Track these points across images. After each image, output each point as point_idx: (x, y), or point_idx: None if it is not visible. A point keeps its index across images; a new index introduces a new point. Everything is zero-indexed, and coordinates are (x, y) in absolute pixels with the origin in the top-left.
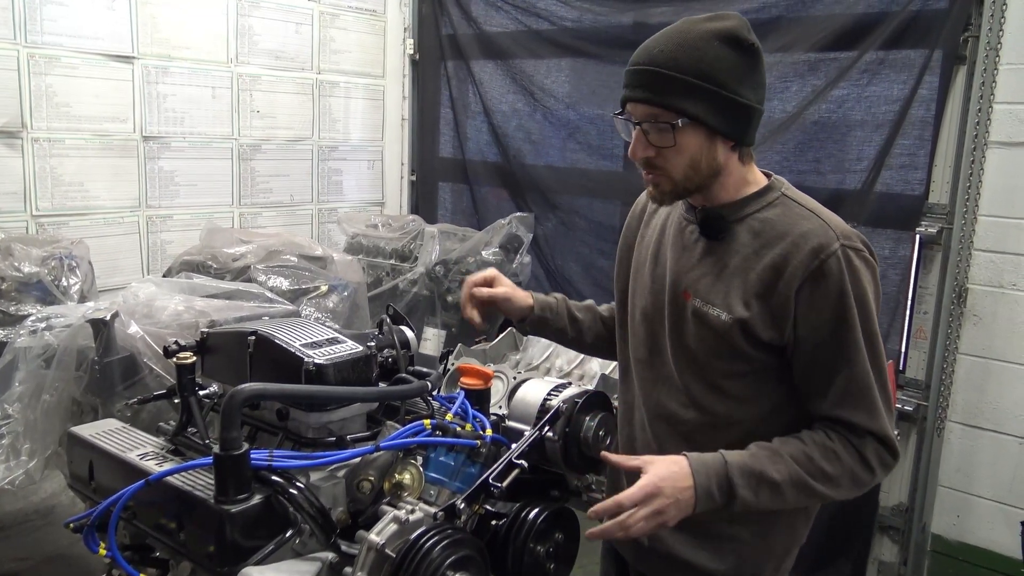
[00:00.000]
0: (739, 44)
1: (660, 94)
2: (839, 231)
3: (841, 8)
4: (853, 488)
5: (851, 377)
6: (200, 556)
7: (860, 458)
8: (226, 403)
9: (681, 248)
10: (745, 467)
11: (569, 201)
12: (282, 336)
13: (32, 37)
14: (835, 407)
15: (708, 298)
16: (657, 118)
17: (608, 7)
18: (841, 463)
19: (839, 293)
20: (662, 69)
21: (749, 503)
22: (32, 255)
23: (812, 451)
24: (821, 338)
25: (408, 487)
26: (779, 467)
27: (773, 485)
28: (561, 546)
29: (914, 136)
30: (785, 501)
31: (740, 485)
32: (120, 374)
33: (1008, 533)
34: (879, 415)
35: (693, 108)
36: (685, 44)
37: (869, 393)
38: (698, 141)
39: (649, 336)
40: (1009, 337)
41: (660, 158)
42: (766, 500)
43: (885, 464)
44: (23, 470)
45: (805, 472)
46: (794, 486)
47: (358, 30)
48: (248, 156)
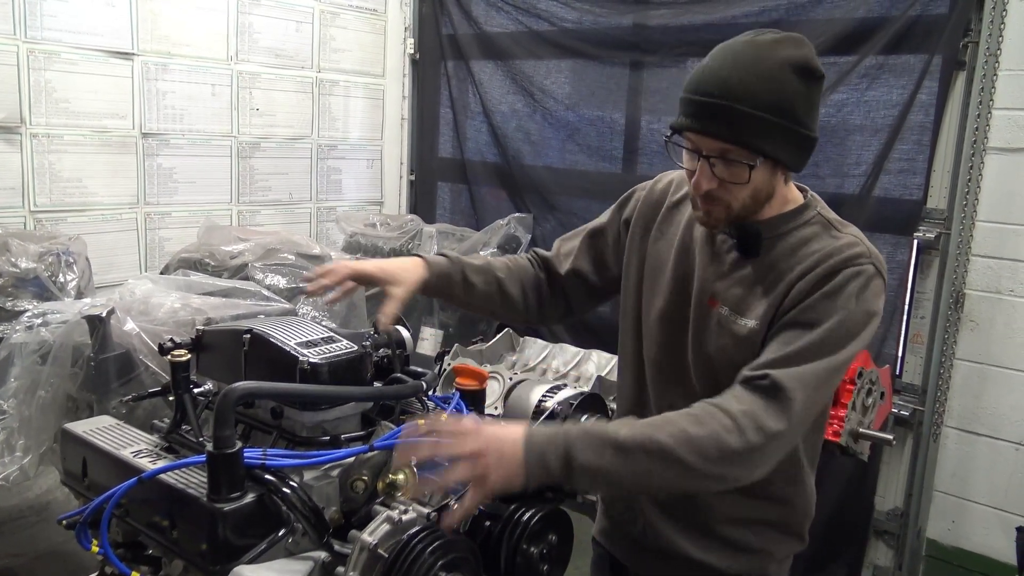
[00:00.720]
0: (812, 75)
1: (739, 132)
2: (872, 252)
3: (841, 12)
4: (718, 461)
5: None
6: (192, 554)
7: (729, 423)
8: (220, 401)
9: (710, 255)
10: (584, 429)
11: (568, 202)
12: (277, 335)
13: (32, 32)
14: (761, 363)
15: (737, 308)
16: (730, 154)
17: (608, 9)
18: (703, 425)
19: (843, 290)
20: (741, 106)
21: (591, 465)
22: (29, 251)
23: (673, 415)
24: (802, 318)
25: (402, 487)
26: (623, 429)
27: (619, 446)
28: (555, 547)
29: (913, 141)
30: (634, 467)
31: (576, 446)
32: (115, 371)
33: (1003, 538)
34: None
35: (772, 148)
36: (761, 75)
37: (804, 363)
38: (765, 175)
39: (667, 339)
40: (1006, 343)
41: (723, 189)
42: (611, 463)
43: (763, 431)
44: (18, 466)
45: (657, 432)
46: (645, 450)
47: (358, 29)
48: (247, 154)
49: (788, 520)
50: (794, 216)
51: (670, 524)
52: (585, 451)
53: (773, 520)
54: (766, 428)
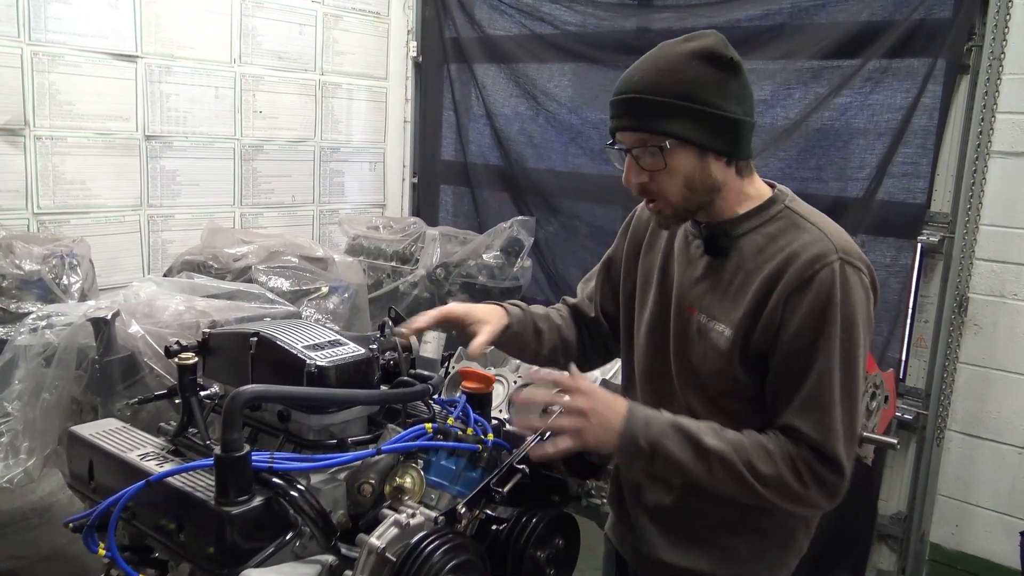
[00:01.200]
0: (718, 60)
1: (644, 119)
2: (840, 245)
3: (845, 16)
4: (782, 497)
5: (813, 387)
6: (200, 558)
7: (793, 468)
8: (228, 404)
9: (686, 262)
10: (679, 424)
11: (571, 205)
12: (284, 338)
13: (36, 35)
14: (788, 415)
15: (712, 313)
16: (646, 143)
17: (611, 12)
18: (773, 464)
19: (826, 302)
20: (644, 95)
21: (673, 457)
22: (33, 253)
23: (747, 442)
24: (798, 346)
25: (409, 491)
26: (710, 437)
27: (701, 450)
28: (561, 552)
29: (916, 145)
30: (712, 475)
31: (667, 435)
32: (120, 373)
33: (1007, 543)
34: (831, 433)
35: (679, 128)
36: (663, 68)
37: (826, 407)
38: (689, 161)
39: (654, 350)
40: (1009, 347)
41: (654, 183)
42: (692, 464)
43: (823, 484)
44: (21, 468)
45: (736, 455)
46: (721, 461)
47: (361, 32)
48: (250, 156)
49: (782, 528)
50: (759, 212)
51: (661, 532)
52: (671, 443)
53: (766, 529)
54: (823, 479)
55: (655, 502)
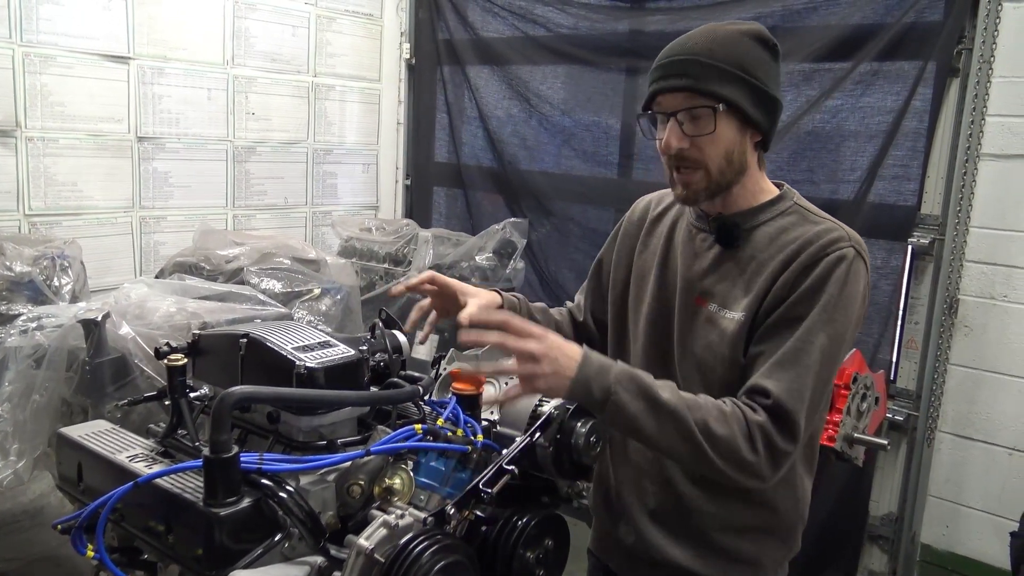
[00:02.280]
0: (766, 42)
1: (700, 80)
2: (851, 235)
3: (836, 19)
4: (731, 463)
5: (792, 349)
6: (188, 559)
7: (747, 432)
8: (216, 406)
9: (692, 255)
10: (632, 374)
11: (563, 207)
12: (274, 339)
13: (27, 36)
14: (760, 376)
15: (724, 303)
16: (695, 105)
17: (604, 15)
18: (727, 425)
19: (827, 277)
20: (700, 57)
21: (626, 408)
22: (24, 254)
23: (703, 402)
24: (789, 314)
25: (398, 492)
26: (665, 391)
27: (654, 403)
28: (551, 553)
29: (907, 147)
30: (660, 428)
31: (621, 384)
32: (111, 375)
33: (997, 544)
34: (799, 396)
35: (733, 94)
36: (718, 39)
37: (800, 370)
38: (733, 131)
39: (653, 344)
40: (1000, 348)
41: (695, 149)
42: (643, 416)
43: (773, 452)
44: (12, 471)
45: (689, 412)
46: (672, 417)
47: (354, 34)
48: (243, 158)
49: (780, 525)
50: (770, 206)
51: (661, 533)
52: (625, 393)
53: (766, 526)
54: (775, 446)
55: (657, 504)
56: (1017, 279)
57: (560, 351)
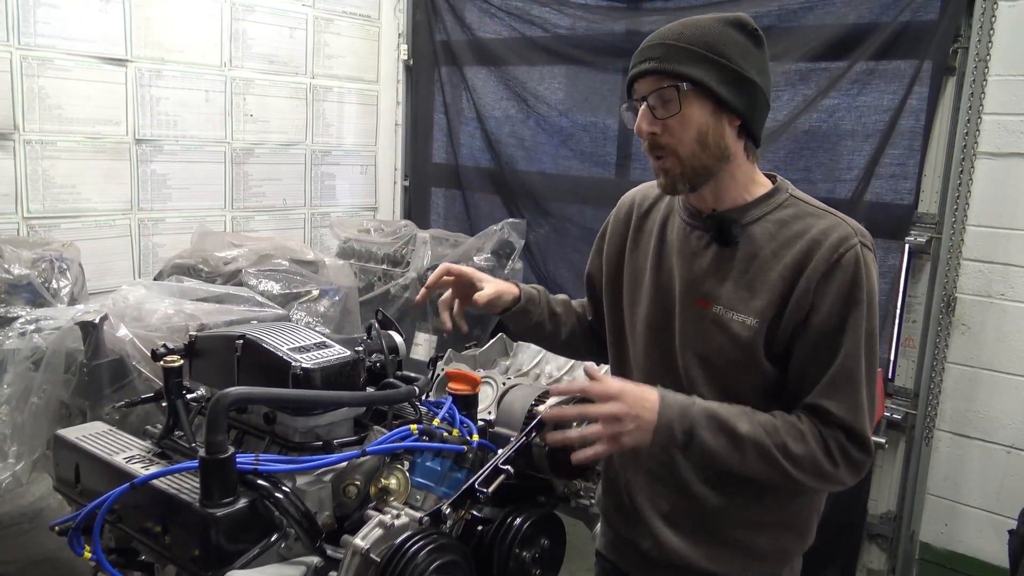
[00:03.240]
0: (743, 27)
1: (664, 60)
2: (856, 228)
3: (832, 18)
4: (814, 476)
5: (841, 368)
6: (185, 560)
7: (824, 446)
8: (212, 406)
9: (690, 255)
10: (711, 411)
11: (561, 208)
12: (270, 340)
13: (25, 39)
14: (817, 395)
15: (730, 304)
16: (662, 86)
17: (601, 15)
18: (805, 444)
19: (852, 285)
20: (667, 40)
21: (708, 446)
22: (22, 257)
23: (780, 424)
24: (826, 328)
25: (394, 492)
26: (743, 423)
27: (735, 437)
28: (547, 552)
29: (904, 146)
30: (744, 460)
31: (702, 425)
32: (108, 377)
33: (996, 541)
34: (858, 411)
35: (697, 73)
36: (690, 24)
37: (854, 387)
38: (704, 113)
39: (654, 347)
40: (997, 346)
41: (666, 134)
42: (725, 451)
43: (851, 461)
44: (10, 473)
45: (769, 438)
46: (755, 446)
47: (352, 35)
48: (241, 160)
49: (797, 519)
50: (766, 200)
51: (677, 536)
52: (706, 432)
53: (783, 520)
54: (851, 456)
55: (671, 507)
56: (1014, 277)
57: (640, 405)
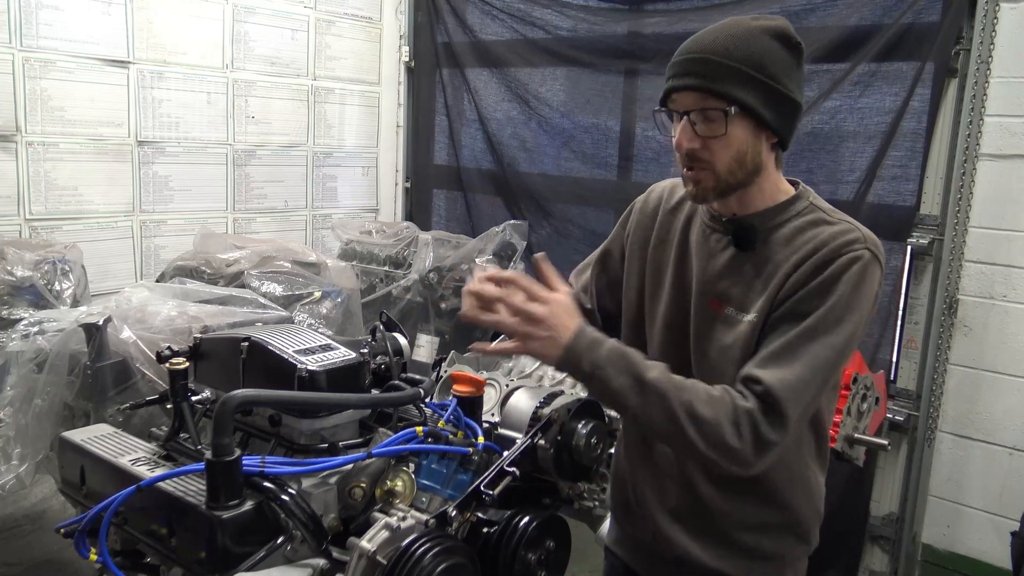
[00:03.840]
0: (788, 41)
1: (713, 81)
2: (869, 237)
3: (834, 20)
4: (710, 445)
5: (787, 343)
6: (191, 562)
7: (734, 420)
8: (218, 409)
9: (707, 257)
10: (622, 352)
11: (563, 209)
12: (275, 342)
13: (27, 41)
14: (755, 364)
15: (742, 306)
16: (708, 106)
17: (603, 17)
18: (713, 409)
19: (838, 278)
20: (715, 57)
21: (610, 383)
22: (25, 259)
23: (692, 385)
24: (794, 308)
25: (400, 494)
26: (653, 371)
27: (638, 379)
28: (552, 554)
29: (906, 148)
30: (644, 405)
31: (609, 361)
32: (112, 379)
33: (998, 543)
34: (790, 389)
35: (746, 97)
36: (736, 36)
37: (794, 365)
38: (746, 133)
39: (670, 346)
40: (999, 348)
41: (706, 150)
42: (625, 389)
43: (759, 439)
44: (14, 475)
45: (676, 392)
46: (657, 395)
47: (354, 37)
48: (243, 162)
49: (800, 522)
50: (786, 207)
51: (684, 533)
52: (611, 368)
53: (784, 523)
54: (761, 435)
55: (678, 504)
56: (1016, 279)
57: (560, 320)
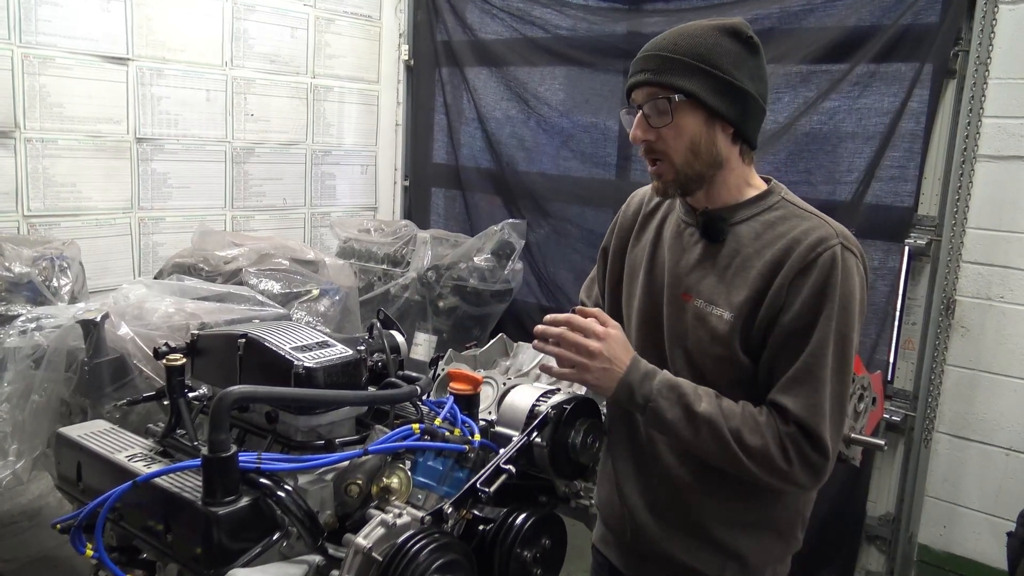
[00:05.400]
0: (737, 35)
1: (658, 73)
2: (839, 231)
3: (833, 21)
4: (766, 471)
5: (803, 365)
6: (187, 558)
7: (780, 444)
8: (215, 405)
9: (680, 250)
10: (674, 383)
11: (561, 208)
12: (272, 339)
13: (26, 37)
14: (777, 391)
15: (711, 299)
16: (656, 97)
17: (602, 16)
18: (761, 437)
19: (825, 283)
20: (662, 52)
21: (664, 415)
22: (23, 255)
23: (739, 411)
24: (796, 325)
25: (396, 491)
26: (703, 402)
27: (691, 413)
28: (548, 552)
29: (904, 149)
30: (697, 437)
31: (662, 395)
32: (110, 375)
33: (994, 544)
34: (816, 411)
35: (689, 85)
36: (685, 33)
37: (815, 386)
38: (697, 123)
39: (646, 340)
40: (996, 349)
41: (660, 141)
42: (679, 424)
43: (807, 463)
44: (11, 471)
45: (725, 421)
46: (710, 428)
47: (353, 35)
48: (241, 159)
49: (779, 522)
50: (757, 202)
51: (660, 527)
52: (664, 401)
53: (764, 521)
54: (807, 457)
55: (656, 498)
56: (1014, 280)
57: (614, 353)
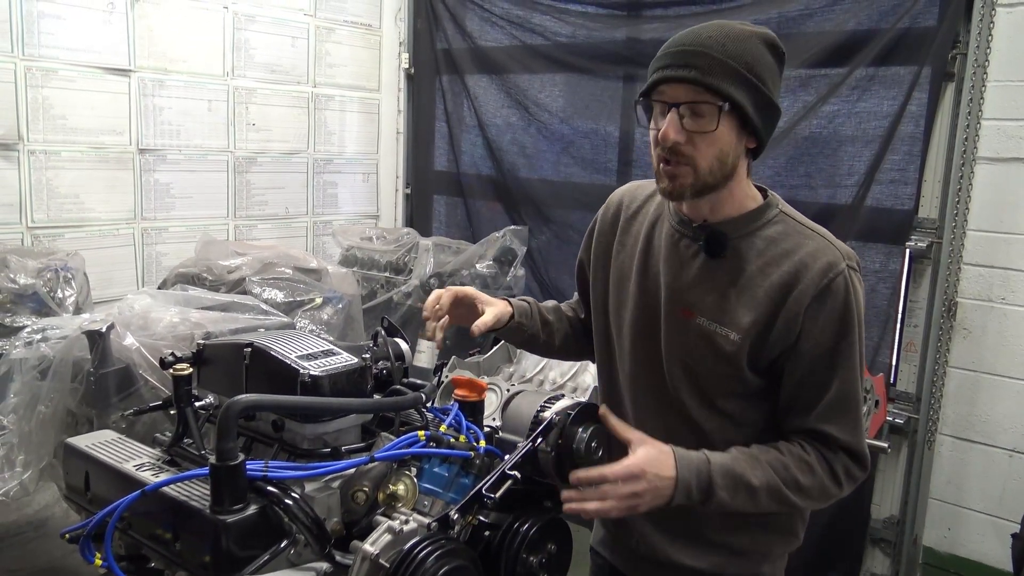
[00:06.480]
0: (776, 49)
1: (707, 74)
2: (844, 251)
3: (832, 25)
4: (821, 500)
5: (839, 392)
6: (195, 566)
7: (831, 472)
8: (222, 414)
9: (678, 264)
10: (726, 468)
11: (563, 214)
12: (278, 348)
13: (29, 50)
14: (818, 420)
15: (716, 317)
16: (701, 99)
17: (602, 23)
18: (814, 475)
19: (843, 311)
20: (712, 52)
21: (725, 504)
22: (28, 267)
23: (788, 461)
24: (819, 352)
25: (402, 498)
26: (757, 473)
27: (750, 489)
28: (553, 557)
29: (904, 152)
30: (758, 506)
31: (720, 486)
32: (115, 385)
33: (999, 545)
34: (857, 431)
35: (739, 95)
36: (731, 35)
37: (853, 409)
38: (732, 133)
39: (640, 351)
40: (999, 350)
41: (690, 145)
42: (742, 503)
43: (852, 478)
44: (17, 481)
45: (781, 480)
46: (769, 492)
47: (353, 44)
48: (243, 169)
49: (777, 520)
50: (757, 215)
51: (660, 533)
52: (724, 492)
53: (763, 521)
54: (853, 475)
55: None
56: (1015, 281)
57: (657, 476)
